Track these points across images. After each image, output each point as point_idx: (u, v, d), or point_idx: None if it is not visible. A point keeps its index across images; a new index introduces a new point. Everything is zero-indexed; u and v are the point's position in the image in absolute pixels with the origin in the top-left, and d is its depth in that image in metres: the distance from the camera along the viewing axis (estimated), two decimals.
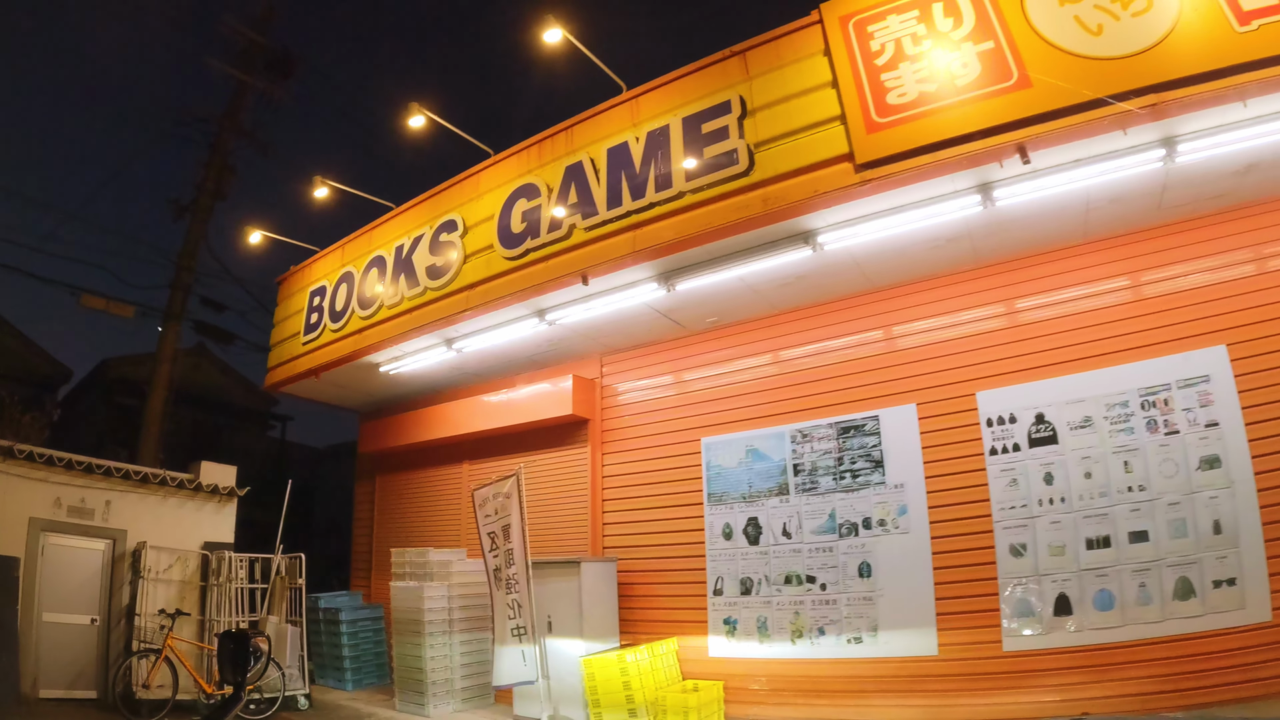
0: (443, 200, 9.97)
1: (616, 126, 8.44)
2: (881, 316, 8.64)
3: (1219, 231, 7.42)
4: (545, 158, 8.93)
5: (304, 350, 11.29)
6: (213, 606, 9.65)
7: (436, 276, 9.48)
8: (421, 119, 9.62)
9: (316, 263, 11.82)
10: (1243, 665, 6.55)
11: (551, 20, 8.28)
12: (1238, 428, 6.93)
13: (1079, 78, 6.28)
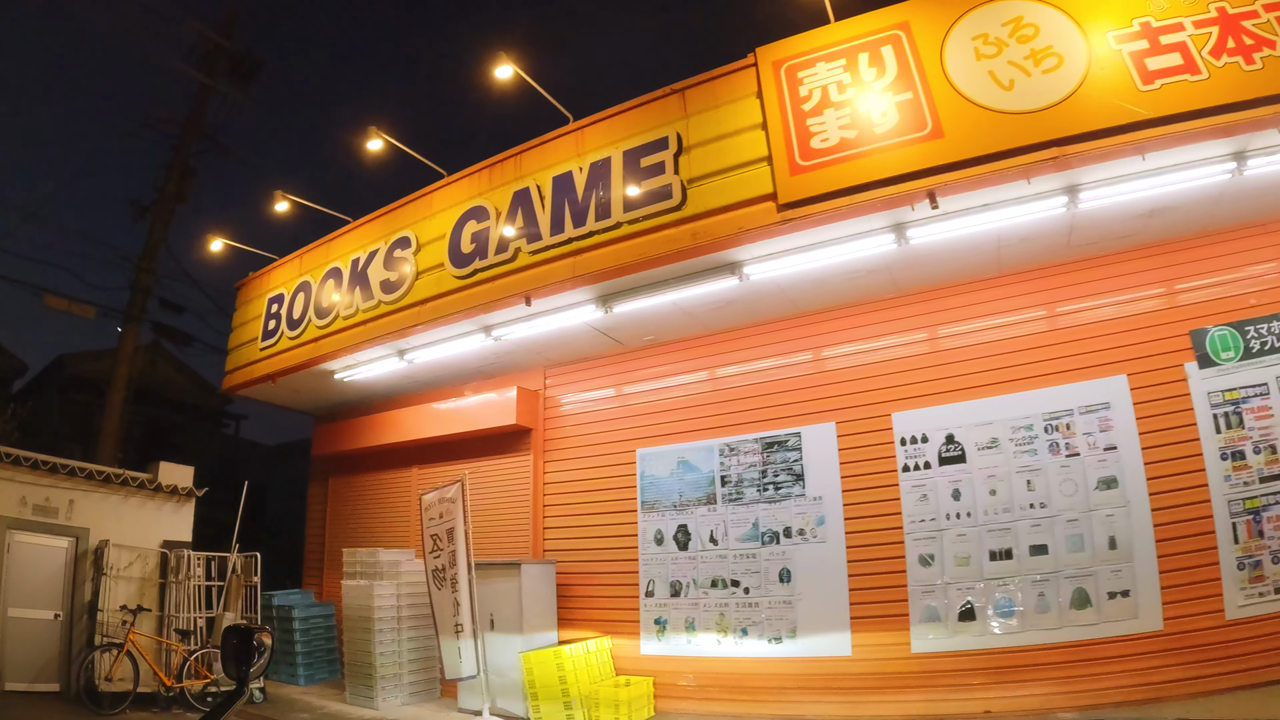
0: (397, 217, 10.32)
1: (563, 155, 8.89)
2: (806, 340, 9.18)
3: (1124, 269, 8.09)
4: (495, 182, 9.36)
5: (261, 356, 11.52)
6: (171, 603, 9.90)
7: (390, 291, 9.83)
8: (379, 142, 9.99)
9: (275, 270, 12.05)
10: (1135, 670, 7.20)
11: (503, 57, 8.73)
12: (1134, 451, 7.60)
13: (989, 130, 6.89)
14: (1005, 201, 7.21)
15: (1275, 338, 7.53)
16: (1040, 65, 6.96)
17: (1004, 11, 7.24)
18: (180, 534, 10.66)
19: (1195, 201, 7.42)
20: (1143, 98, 6.60)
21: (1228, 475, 7.35)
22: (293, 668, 10.85)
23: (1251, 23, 6.68)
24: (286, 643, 10.92)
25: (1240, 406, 7.48)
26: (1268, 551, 7.11)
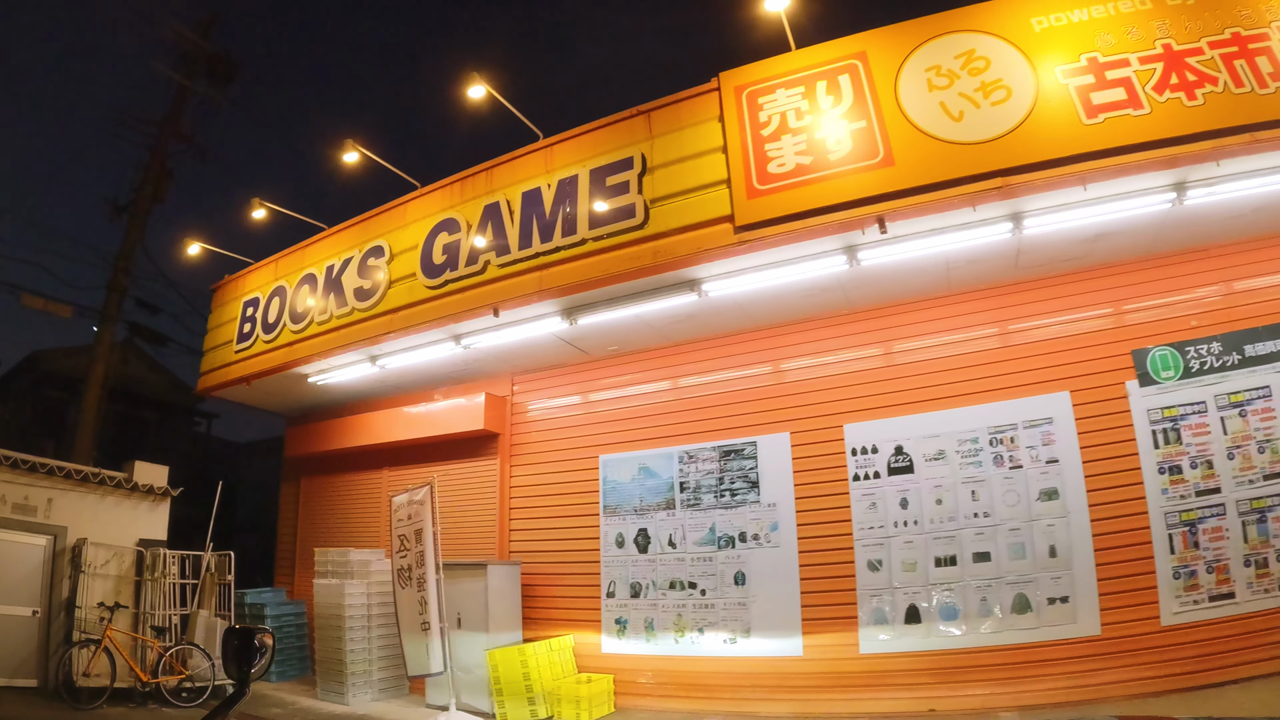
0: (372, 226, 10.52)
1: (532, 171, 9.15)
2: (763, 353, 9.50)
3: (1070, 290, 8.45)
4: (467, 195, 9.59)
5: (236, 358, 11.71)
6: (147, 600, 10.10)
7: (364, 298, 10.06)
8: (355, 155, 10.21)
9: (250, 274, 12.23)
10: (1073, 673, 7.55)
11: (475, 77, 8.96)
12: (1075, 465, 7.96)
13: (938, 159, 7.20)
14: (952, 227, 7.51)
15: (1214, 358, 7.90)
16: (990, 97, 7.26)
17: (957, 44, 7.55)
18: (156, 533, 10.85)
19: (1139, 228, 7.75)
20: (1086, 131, 6.92)
21: (1165, 489, 7.71)
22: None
23: (1196, 59, 7.01)
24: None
25: (1179, 423, 7.85)
26: (1203, 562, 7.49)
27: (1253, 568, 7.41)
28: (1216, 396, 7.84)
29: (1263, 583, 7.37)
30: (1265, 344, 7.86)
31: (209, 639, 9.89)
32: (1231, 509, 7.57)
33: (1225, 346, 7.92)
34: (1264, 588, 7.36)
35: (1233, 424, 7.74)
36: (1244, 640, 7.27)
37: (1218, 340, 7.95)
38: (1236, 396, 7.80)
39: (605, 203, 8.44)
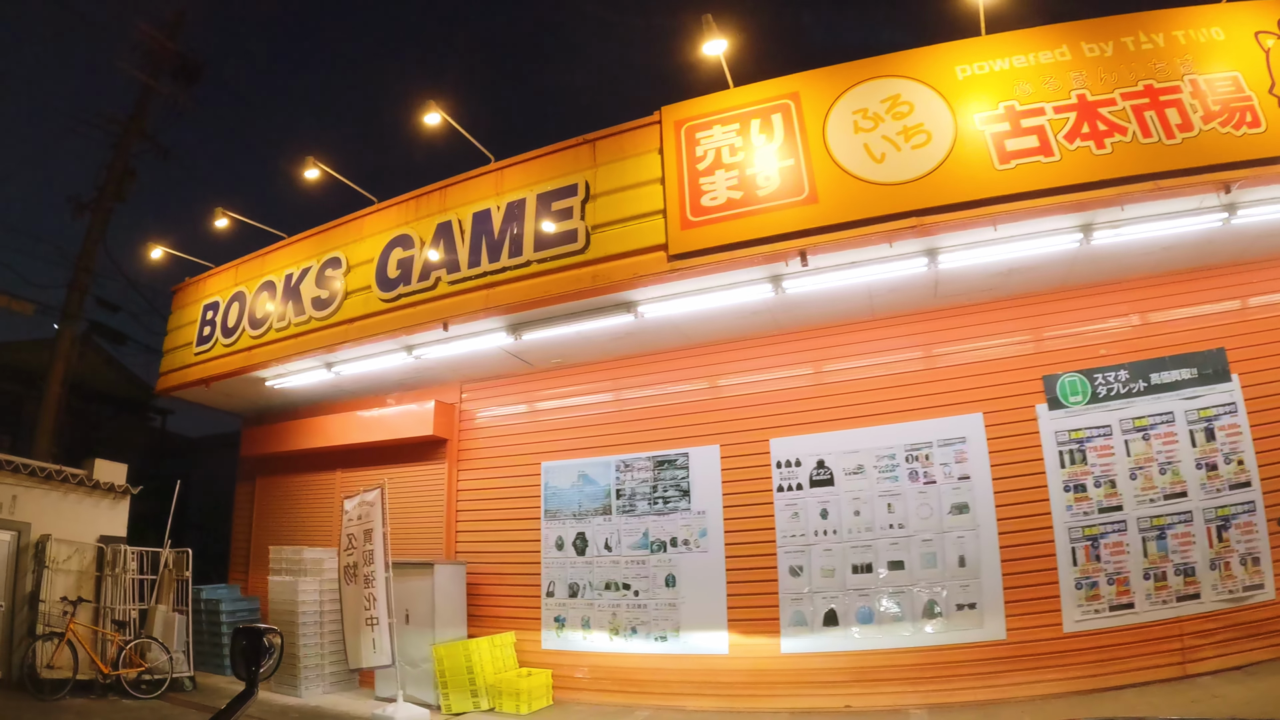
0: (330, 238, 10.85)
1: (483, 193, 9.55)
2: (697, 369, 9.99)
3: (986, 318, 9.00)
4: (421, 212, 9.96)
5: (196, 360, 11.98)
6: (108, 595, 10.33)
7: (321, 308, 10.40)
8: (316, 171, 10.54)
9: (211, 278, 12.49)
10: (980, 674, 8.09)
11: (432, 105, 9.36)
12: (986, 481, 8.53)
13: (859, 198, 7.70)
14: (871, 260, 8.02)
15: (1121, 385, 8.48)
16: (910, 141, 7.76)
17: (885, 89, 8.03)
18: (116, 529, 11.06)
19: (1050, 263, 8.29)
20: (999, 176, 7.44)
21: (1069, 505, 8.29)
22: (220, 658, 11.26)
23: (1108, 110, 7.54)
24: (214, 635, 11.43)
25: (1084, 445, 8.43)
26: (1104, 574, 8.07)
27: (1152, 580, 8.00)
28: (1122, 421, 8.41)
29: (1161, 594, 7.96)
30: (1170, 373, 8.44)
31: (167, 633, 10.21)
32: (1133, 525, 8.15)
33: (1132, 374, 8.50)
34: (1162, 599, 7.95)
35: (1136, 447, 8.32)
36: (1142, 647, 7.86)
37: (1125, 368, 8.52)
38: (1141, 421, 8.38)
39: (550, 226, 8.86)
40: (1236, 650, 7.69)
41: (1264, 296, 8.58)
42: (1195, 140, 7.30)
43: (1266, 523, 7.88)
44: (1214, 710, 6.69)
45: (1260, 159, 7.20)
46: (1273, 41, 7.76)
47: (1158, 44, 7.84)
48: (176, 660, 10.21)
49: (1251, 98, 7.43)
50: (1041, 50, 7.95)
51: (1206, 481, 8.15)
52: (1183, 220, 7.71)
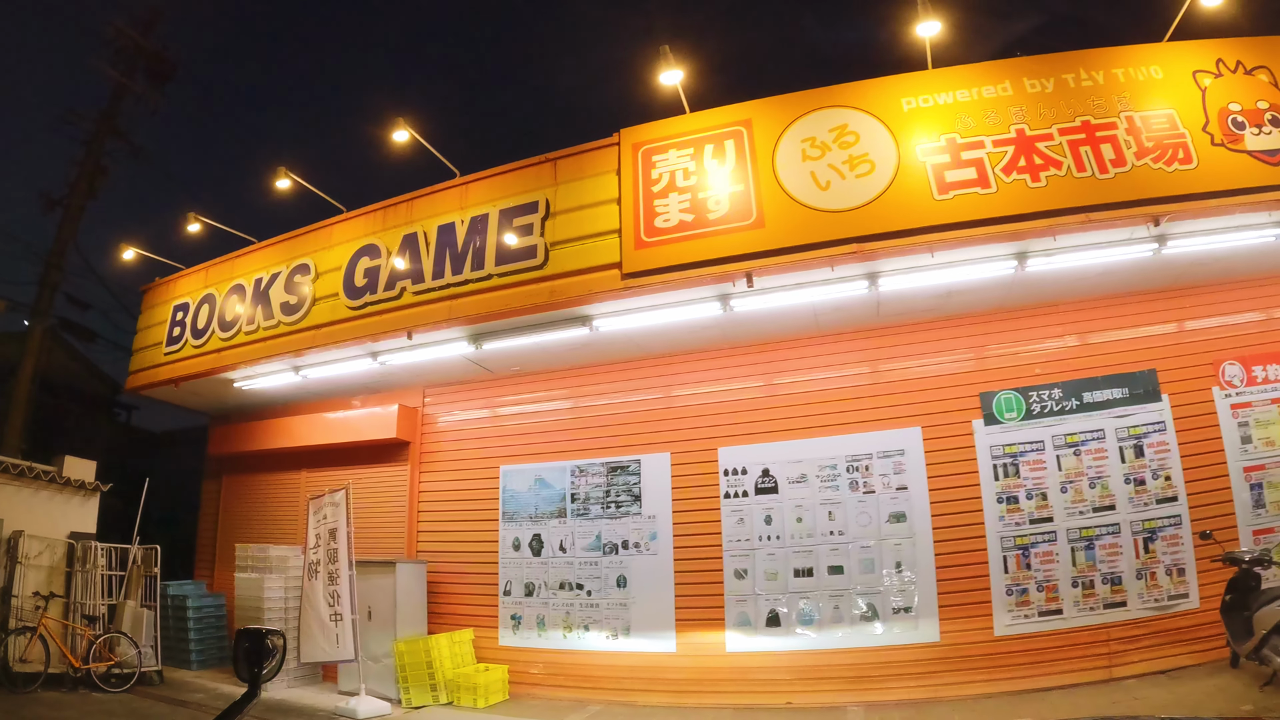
0: (299, 244, 11.06)
1: (448, 206, 9.82)
2: (650, 380, 10.34)
3: (927, 336, 9.40)
4: (388, 223, 10.22)
5: (165, 360, 12.14)
6: (78, 590, 10.50)
7: (290, 313, 10.62)
8: (286, 182, 10.78)
9: (181, 279, 12.66)
10: (914, 674, 8.49)
11: (400, 123, 9.66)
12: (923, 492, 8.93)
13: (803, 224, 8.07)
14: (814, 282, 8.40)
15: (1054, 403, 8.90)
16: (855, 170, 8.13)
17: (833, 118, 8.39)
18: (86, 526, 11.26)
19: (988, 287, 8.70)
20: (937, 206, 7.82)
21: (1002, 516, 8.71)
22: (186, 653, 11.50)
23: (1045, 144, 7.93)
24: (180, 630, 11.59)
25: (1018, 459, 8.84)
26: (1034, 581, 8.49)
27: (1080, 588, 8.43)
28: (1054, 437, 8.84)
29: (1088, 602, 8.39)
30: (1103, 392, 8.88)
31: (135, 628, 10.39)
32: (1062, 536, 8.57)
33: (1065, 393, 8.93)
34: (1089, 606, 8.38)
35: (1067, 462, 8.75)
36: (1070, 651, 8.27)
37: (1059, 387, 8.95)
38: (1073, 438, 8.81)
39: (512, 240, 9.16)
40: (1161, 655, 8.13)
41: (1196, 321, 9.03)
42: (1127, 175, 7.69)
43: (1191, 535, 8.26)
44: (1132, 711, 7.18)
45: (1189, 194, 7.62)
46: (1210, 80, 8.17)
47: (1097, 81, 8.23)
48: (145, 655, 10.38)
49: (1185, 135, 7.84)
50: (985, 85, 8.32)
51: (1134, 496, 8.57)
52: (1114, 250, 8.11)
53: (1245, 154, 7.79)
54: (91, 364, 21.02)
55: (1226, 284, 9.09)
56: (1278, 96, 8.07)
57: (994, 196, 7.77)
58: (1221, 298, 9.13)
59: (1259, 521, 8.41)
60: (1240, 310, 9.07)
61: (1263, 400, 8.76)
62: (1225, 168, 7.74)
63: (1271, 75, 8.17)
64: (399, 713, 9.21)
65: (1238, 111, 8.01)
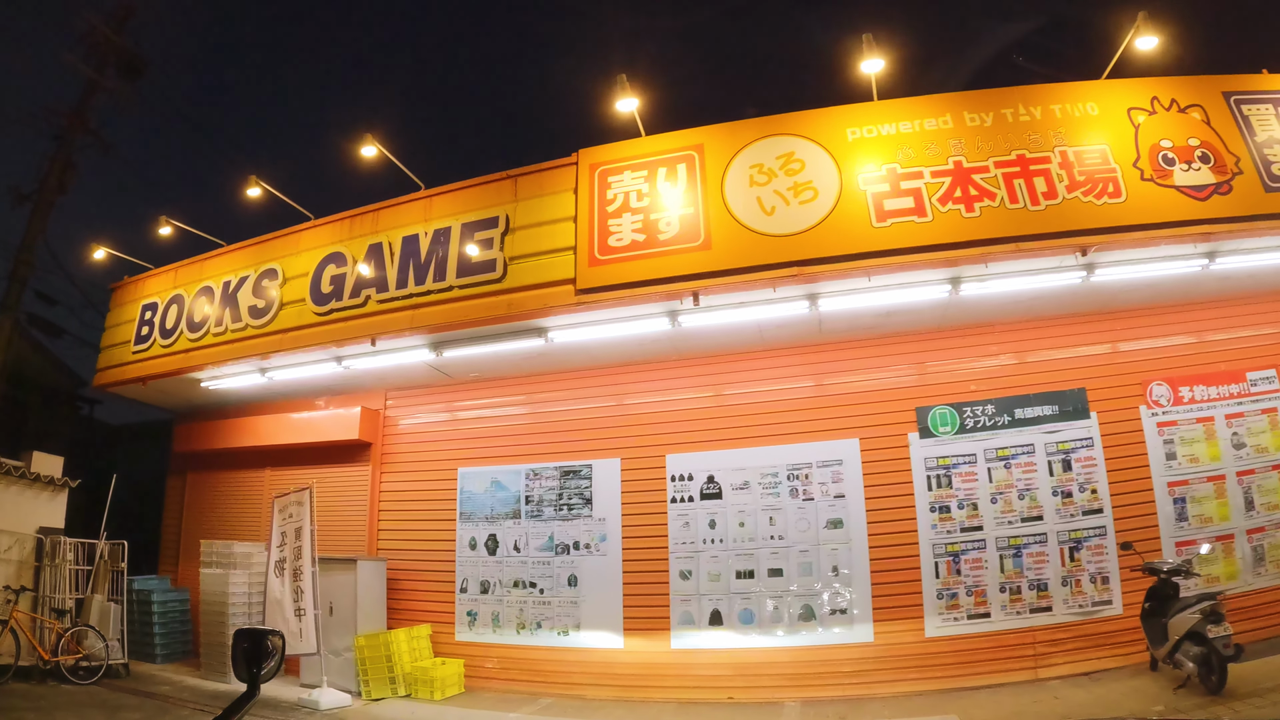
0: (267, 249, 11.29)
1: (413, 218, 10.13)
2: (602, 388, 10.72)
3: (867, 352, 9.86)
4: (354, 232, 10.50)
5: (134, 359, 12.30)
6: (47, 584, 10.67)
7: (258, 316, 10.85)
8: (258, 190, 11.04)
9: (150, 279, 12.82)
10: (849, 672, 8.96)
11: (368, 138, 10.00)
12: (859, 500, 9.41)
13: (748, 247, 8.48)
14: (758, 302, 8.82)
15: (987, 418, 9.40)
16: (799, 197, 8.56)
17: (781, 145, 8.82)
18: (54, 521, 11.38)
19: (925, 308, 9.17)
20: (875, 233, 8.26)
21: (934, 524, 9.21)
22: (150, 647, 11.64)
23: (981, 176, 8.39)
24: (145, 624, 11.71)
25: (951, 471, 9.33)
26: (963, 586, 8.99)
27: (1007, 594, 8.93)
28: (986, 450, 9.34)
29: (1015, 606, 8.90)
30: (1034, 409, 9.38)
31: (103, 622, 10.61)
32: (991, 544, 9.07)
33: (998, 409, 9.42)
34: (1016, 610, 8.89)
35: (998, 474, 9.25)
36: (997, 653, 8.76)
37: (992, 403, 9.45)
38: (1004, 451, 9.31)
39: (473, 253, 9.51)
40: (1085, 658, 8.62)
41: (1125, 343, 9.56)
42: (1058, 208, 8.17)
43: (1116, 546, 8.73)
44: (1050, 709, 7.53)
45: (1117, 227, 8.12)
46: (1144, 118, 8.66)
47: (1035, 116, 8.69)
48: (112, 648, 10.57)
49: (1116, 170, 8.33)
50: (927, 117, 8.77)
51: (1061, 507, 9.09)
52: (1045, 276, 8.58)
53: (1173, 189, 8.28)
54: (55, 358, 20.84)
55: (1156, 308, 9.61)
56: (1210, 134, 8.58)
57: (930, 225, 8.21)
58: (1151, 321, 9.64)
59: (1181, 534, 8.95)
60: (1169, 334, 9.60)
61: (1188, 419, 9.31)
62: (1153, 202, 8.22)
63: (1205, 114, 8.67)
64: (359, 704, 9.48)
65: (1169, 148, 8.49)
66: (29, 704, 8.98)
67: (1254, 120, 8.69)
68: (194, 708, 9.06)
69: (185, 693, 9.84)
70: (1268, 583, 8.86)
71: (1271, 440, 9.25)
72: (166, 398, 13.27)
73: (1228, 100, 8.79)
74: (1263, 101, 8.81)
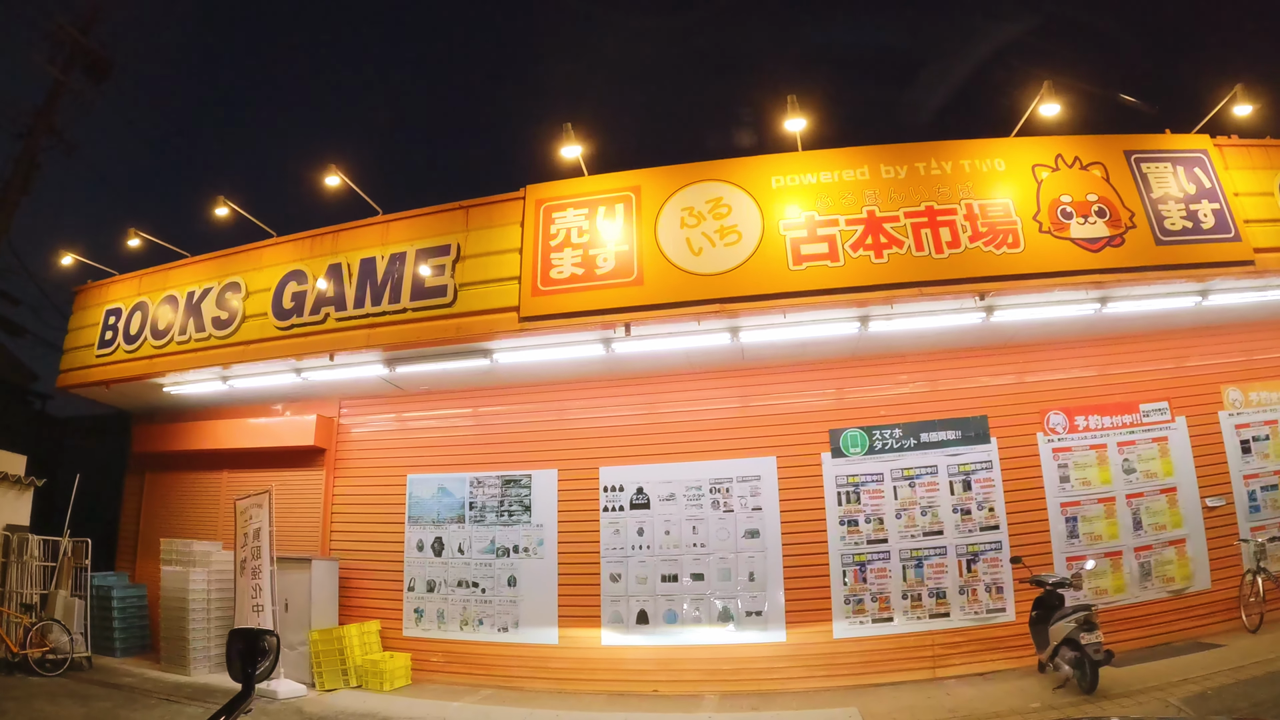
0: (230, 263, 11.74)
1: (371, 242, 10.72)
2: (543, 404, 11.36)
3: (786, 378, 10.69)
4: (315, 251, 11.05)
5: (97, 362, 12.56)
6: (14, 580, 10.95)
7: (221, 327, 11.30)
8: (225, 210, 11.49)
9: (114, 285, 13.11)
10: (763, 669, 9.69)
11: (332, 168, 10.62)
12: (775, 513, 10.21)
13: (676, 284, 9.28)
14: (684, 333, 9.65)
15: (894, 440, 10.28)
16: (725, 239, 9.36)
17: (711, 191, 9.63)
18: (20, 519, 11.65)
19: (839, 340, 10.03)
20: (792, 275, 9.08)
21: (843, 536, 10.06)
22: (110, 641, 11.88)
23: (891, 225, 9.25)
24: (105, 619, 11.94)
25: (859, 488, 10.20)
26: (868, 593, 9.85)
27: (909, 600, 9.82)
28: (893, 470, 10.21)
29: (915, 612, 9.78)
30: (938, 433, 10.27)
31: (67, 616, 10.92)
32: (895, 555, 9.95)
33: (905, 433, 10.31)
34: (916, 616, 9.77)
35: (903, 492, 10.14)
36: (899, 654, 9.60)
37: (900, 427, 10.33)
38: (909, 471, 10.20)
39: (426, 278, 10.18)
40: (980, 660, 9.45)
41: (1025, 376, 10.49)
42: (960, 256, 9.06)
43: (1010, 559, 9.59)
44: (941, 704, 8.32)
45: (1014, 275, 9.04)
46: (1047, 174, 9.55)
47: (945, 170, 9.56)
48: (76, 642, 10.85)
49: (1017, 222, 9.23)
50: (846, 169, 9.62)
51: (961, 523, 9.98)
52: (947, 316, 9.52)
53: (1069, 241, 9.20)
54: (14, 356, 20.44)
55: (1055, 343, 10.53)
56: (1108, 190, 9.48)
57: (841, 269, 9.08)
58: (1050, 355, 10.55)
59: (1072, 550, 9.88)
60: (1067, 368, 10.54)
61: (1082, 446, 10.26)
62: (1050, 253, 9.13)
63: (1105, 171, 9.58)
64: (314, 694, 9.96)
65: (1068, 203, 9.39)
66: (6, 694, 9.34)
67: (1151, 178, 9.60)
68: (160, 697, 9.50)
69: (149, 684, 10.24)
70: (1152, 595, 9.78)
71: (1160, 466, 10.20)
72: (126, 400, 13.51)
73: (1128, 158, 9.69)
74: (1161, 160, 9.73)
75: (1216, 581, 9.84)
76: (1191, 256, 9.20)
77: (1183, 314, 10.12)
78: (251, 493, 10.84)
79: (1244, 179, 9.77)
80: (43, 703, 8.94)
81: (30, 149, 14.61)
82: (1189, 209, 9.43)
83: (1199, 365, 10.66)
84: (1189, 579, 9.89)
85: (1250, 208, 9.58)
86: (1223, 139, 10.02)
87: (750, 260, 9.24)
